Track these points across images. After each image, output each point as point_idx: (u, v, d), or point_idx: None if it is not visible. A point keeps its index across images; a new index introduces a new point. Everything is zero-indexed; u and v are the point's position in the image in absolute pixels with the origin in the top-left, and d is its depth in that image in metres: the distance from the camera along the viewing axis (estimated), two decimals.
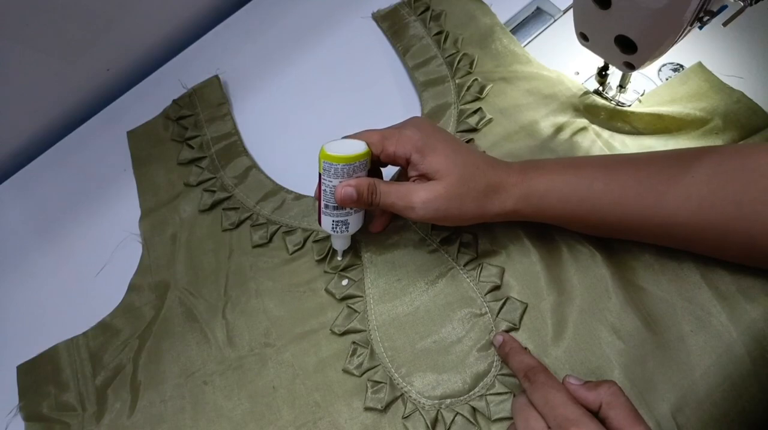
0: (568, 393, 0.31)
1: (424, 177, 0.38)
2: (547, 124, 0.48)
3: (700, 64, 0.48)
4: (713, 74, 0.47)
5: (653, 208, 0.36)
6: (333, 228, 0.42)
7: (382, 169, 0.44)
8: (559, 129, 0.47)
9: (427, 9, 0.57)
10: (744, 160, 0.34)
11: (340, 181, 0.39)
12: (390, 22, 0.58)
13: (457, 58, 0.53)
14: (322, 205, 0.41)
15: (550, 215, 0.39)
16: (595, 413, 0.31)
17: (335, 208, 0.40)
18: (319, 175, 0.40)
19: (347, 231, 0.42)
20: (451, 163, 0.38)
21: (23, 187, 0.58)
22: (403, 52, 0.56)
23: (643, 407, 0.36)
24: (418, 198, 0.37)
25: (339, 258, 0.45)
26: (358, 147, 0.39)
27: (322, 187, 0.40)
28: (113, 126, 0.59)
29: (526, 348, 0.38)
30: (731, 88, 0.46)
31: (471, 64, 0.52)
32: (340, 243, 0.44)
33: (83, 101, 0.62)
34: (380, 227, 0.44)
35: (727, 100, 0.46)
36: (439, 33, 0.55)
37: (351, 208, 0.41)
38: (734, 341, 0.37)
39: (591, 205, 0.37)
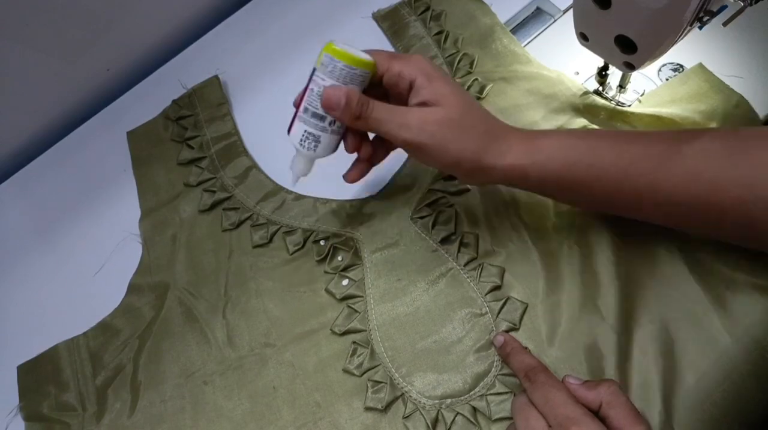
0: (569, 392, 0.32)
1: (426, 105, 0.36)
2: (546, 125, 0.48)
3: (701, 65, 0.48)
4: (714, 75, 0.47)
5: (661, 182, 0.34)
6: (302, 140, 0.38)
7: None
8: (559, 129, 0.47)
9: (427, 9, 0.57)
10: (762, 141, 0.32)
11: (333, 84, 0.35)
12: (390, 22, 0.58)
13: (458, 58, 0.53)
14: (301, 109, 0.37)
15: (553, 179, 0.36)
16: (596, 413, 0.31)
17: (314, 114, 0.37)
18: (312, 71, 0.37)
19: (314, 151, 0.38)
20: (458, 92, 0.36)
21: (23, 187, 0.58)
22: (403, 52, 0.56)
23: (643, 407, 0.36)
24: (415, 117, 0.35)
25: (291, 186, 0.41)
26: (365, 56, 0.36)
27: (310, 86, 0.37)
28: (113, 126, 0.59)
29: (526, 348, 0.38)
30: (731, 89, 0.46)
31: (471, 64, 0.52)
32: (300, 164, 0.39)
33: (83, 101, 0.62)
34: (357, 176, 0.41)
35: (726, 103, 0.46)
36: (439, 33, 0.55)
37: (329, 123, 0.37)
38: (734, 341, 0.37)
39: (598, 174, 0.35)
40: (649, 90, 0.49)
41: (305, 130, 0.37)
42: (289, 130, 0.38)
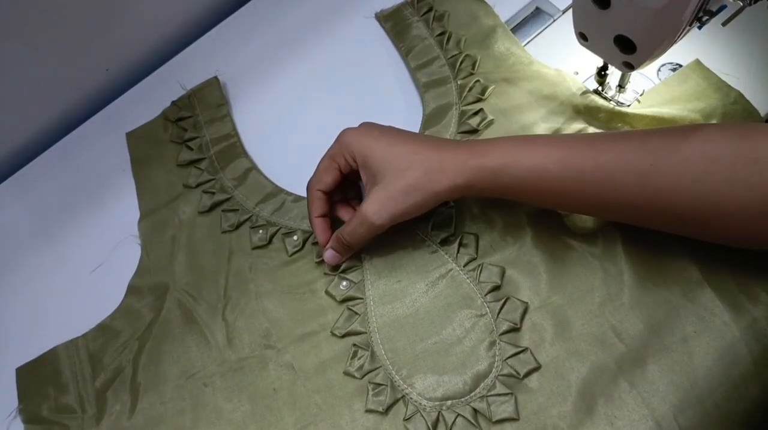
0: None
1: (374, 179, 0.40)
2: (547, 126, 0.48)
3: (697, 62, 0.48)
4: (711, 72, 0.47)
5: (610, 194, 0.36)
6: None
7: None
8: (558, 131, 0.47)
9: (430, 9, 0.57)
10: (700, 145, 0.33)
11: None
12: (393, 23, 0.58)
13: (460, 59, 0.53)
14: None
15: (506, 193, 0.39)
16: None
17: None
18: None
19: None
20: (386, 161, 0.39)
21: (23, 188, 0.58)
22: (405, 53, 0.55)
23: (644, 408, 0.36)
24: (369, 212, 0.39)
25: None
26: None
27: None
28: (112, 126, 0.58)
29: None
30: (729, 86, 0.46)
31: (473, 65, 0.52)
32: None
33: (83, 101, 0.62)
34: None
35: (724, 100, 0.46)
36: (441, 34, 0.55)
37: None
38: (736, 341, 0.37)
39: (546, 187, 0.37)
40: (648, 90, 0.49)
41: None
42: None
